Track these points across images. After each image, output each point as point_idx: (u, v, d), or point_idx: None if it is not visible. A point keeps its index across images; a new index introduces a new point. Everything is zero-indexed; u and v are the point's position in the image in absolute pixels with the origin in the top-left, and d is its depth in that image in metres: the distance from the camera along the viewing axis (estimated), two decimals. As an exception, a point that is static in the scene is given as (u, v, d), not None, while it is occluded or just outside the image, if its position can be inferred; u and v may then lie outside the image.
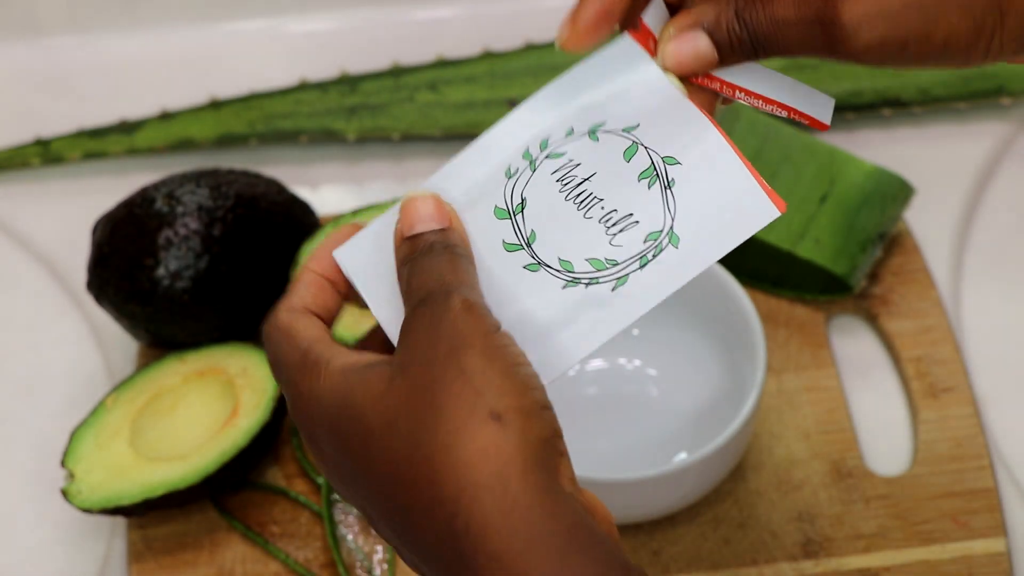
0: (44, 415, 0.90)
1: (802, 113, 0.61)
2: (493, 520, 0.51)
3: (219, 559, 0.83)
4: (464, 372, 0.53)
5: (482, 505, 0.51)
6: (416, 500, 0.52)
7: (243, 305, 0.87)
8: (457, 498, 0.51)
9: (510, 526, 0.51)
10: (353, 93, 1.02)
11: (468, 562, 0.51)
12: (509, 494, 0.51)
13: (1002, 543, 0.82)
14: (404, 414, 0.53)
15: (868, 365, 0.90)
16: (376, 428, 0.54)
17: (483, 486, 0.51)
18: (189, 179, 0.88)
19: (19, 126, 1.02)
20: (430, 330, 0.54)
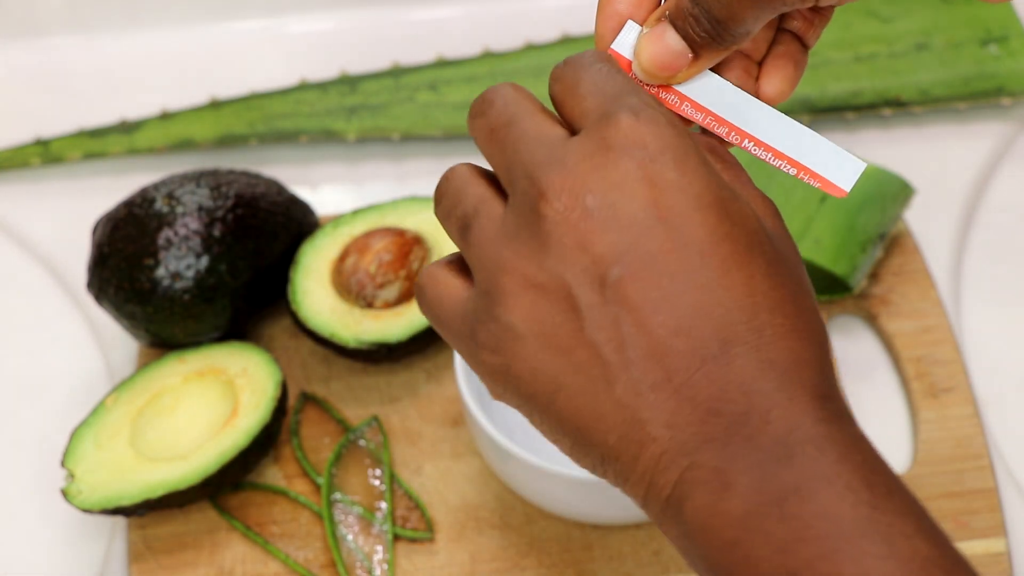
0: (44, 415, 0.90)
1: (816, 174, 0.58)
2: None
3: (219, 559, 0.83)
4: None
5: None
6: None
7: (243, 305, 0.87)
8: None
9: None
10: (353, 93, 1.02)
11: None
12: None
13: (1002, 543, 0.82)
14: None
15: (868, 365, 0.90)
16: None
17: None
18: (189, 179, 0.88)
19: (19, 126, 1.02)
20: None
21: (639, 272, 0.51)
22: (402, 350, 0.87)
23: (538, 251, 0.52)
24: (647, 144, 0.52)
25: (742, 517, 0.49)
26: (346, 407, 0.88)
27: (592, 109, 0.54)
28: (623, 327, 0.51)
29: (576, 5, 1.07)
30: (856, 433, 0.51)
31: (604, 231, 0.51)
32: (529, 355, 0.53)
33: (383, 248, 0.88)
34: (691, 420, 0.50)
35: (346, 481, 0.85)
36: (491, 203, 0.55)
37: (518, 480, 0.81)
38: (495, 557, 0.83)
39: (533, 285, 0.52)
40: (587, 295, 0.51)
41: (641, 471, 0.52)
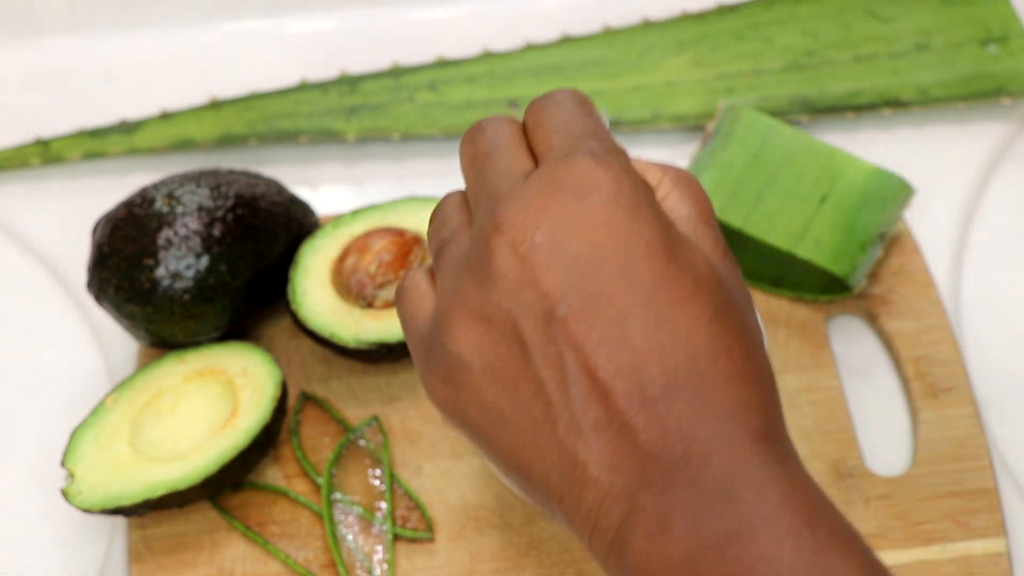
0: (44, 415, 0.90)
1: None
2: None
3: (219, 559, 0.83)
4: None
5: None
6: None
7: (243, 305, 0.87)
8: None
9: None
10: (353, 93, 1.02)
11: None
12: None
13: (1002, 543, 0.82)
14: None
15: (868, 365, 0.90)
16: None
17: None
18: (189, 179, 0.88)
19: (19, 126, 1.02)
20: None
21: (583, 312, 0.51)
22: (402, 350, 0.87)
23: (487, 283, 0.53)
24: (601, 188, 0.52)
25: (682, 561, 0.49)
26: (346, 407, 0.88)
27: (555, 146, 0.55)
28: (567, 365, 0.51)
29: (576, 5, 1.07)
30: (799, 475, 0.51)
31: (550, 269, 0.52)
32: (475, 387, 0.54)
33: (383, 248, 0.88)
34: (631, 464, 0.50)
35: (346, 481, 0.85)
36: (463, 232, 0.56)
37: (518, 480, 0.81)
38: (495, 557, 0.83)
39: (481, 317, 0.53)
40: (532, 331, 0.52)
41: (584, 513, 0.52)
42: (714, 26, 1.04)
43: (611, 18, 1.05)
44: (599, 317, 0.51)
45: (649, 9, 1.05)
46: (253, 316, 0.89)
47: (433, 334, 0.55)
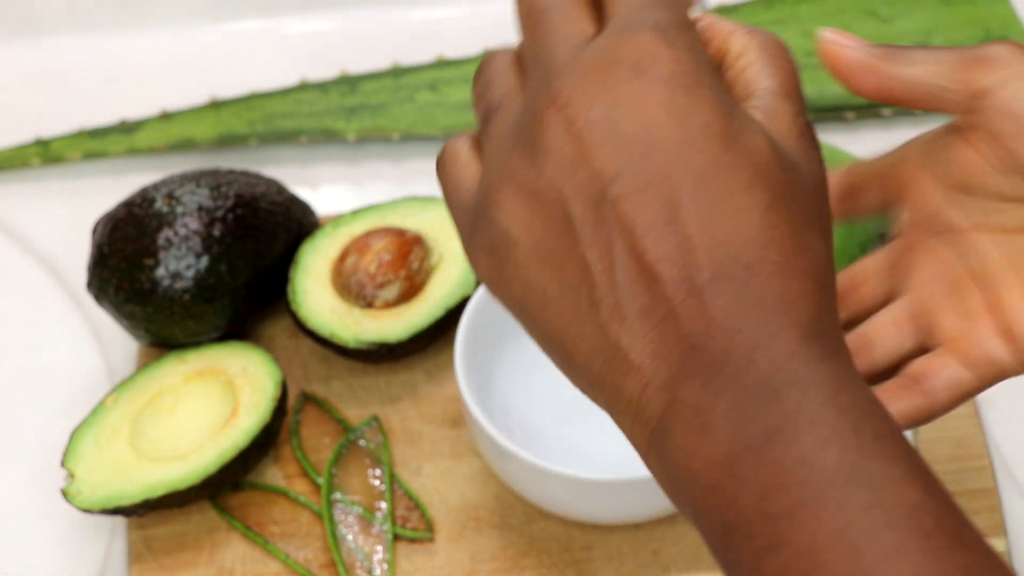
0: (44, 415, 0.90)
1: None
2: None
3: (219, 559, 0.83)
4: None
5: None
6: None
7: (243, 305, 0.87)
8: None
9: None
10: (353, 93, 1.02)
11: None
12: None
13: (1002, 543, 0.82)
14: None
15: (868, 365, 0.90)
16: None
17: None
18: (189, 179, 0.88)
19: (19, 126, 1.02)
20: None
21: (635, 194, 0.49)
22: (402, 350, 0.87)
23: (538, 158, 0.51)
24: (661, 64, 0.50)
25: (722, 460, 0.47)
26: (346, 407, 0.88)
27: (621, 13, 0.52)
28: (615, 248, 0.50)
29: (576, 5, 1.07)
30: (846, 374, 0.49)
31: (605, 147, 0.50)
32: (521, 263, 0.52)
33: (383, 248, 0.88)
34: (674, 353, 0.49)
35: (346, 481, 0.85)
36: (514, 96, 0.54)
37: (518, 480, 0.81)
38: (495, 557, 0.83)
39: (530, 192, 0.51)
40: (582, 211, 0.50)
41: (625, 401, 0.50)
42: (714, 26, 1.03)
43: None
44: (651, 201, 0.49)
45: (649, 9, 1.05)
46: (253, 316, 0.89)
47: (479, 206, 0.53)
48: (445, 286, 0.88)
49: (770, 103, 0.52)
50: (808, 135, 0.52)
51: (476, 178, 0.54)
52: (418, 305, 0.87)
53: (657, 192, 0.49)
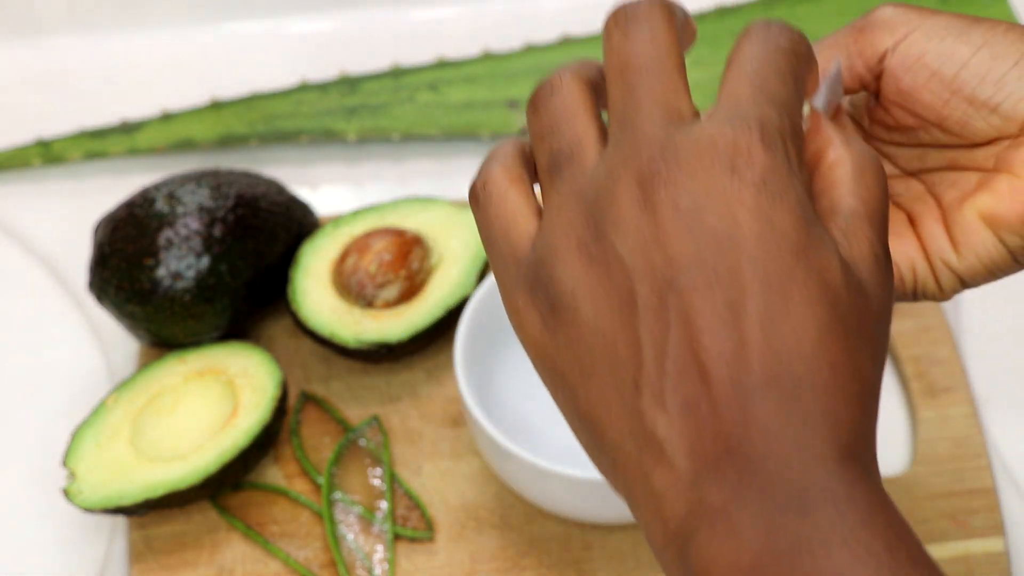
0: (45, 415, 0.90)
1: None
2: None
3: (219, 559, 0.83)
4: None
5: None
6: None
7: (243, 305, 0.88)
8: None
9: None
10: (353, 93, 1.02)
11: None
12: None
13: (1001, 543, 0.82)
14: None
15: (867, 365, 0.90)
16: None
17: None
18: (189, 179, 0.88)
19: (20, 126, 1.02)
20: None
21: (703, 288, 0.49)
22: (402, 350, 0.87)
23: (615, 230, 0.50)
24: (754, 167, 0.50)
25: (747, 568, 0.47)
26: (346, 407, 0.88)
27: (732, 100, 0.52)
28: (671, 336, 0.49)
29: (576, 6, 1.07)
30: (880, 495, 0.49)
31: (683, 235, 0.50)
32: (576, 330, 0.51)
33: (383, 248, 0.88)
34: (709, 452, 0.48)
35: (346, 481, 0.85)
36: (588, 149, 0.52)
37: (518, 480, 0.81)
38: (495, 557, 0.83)
39: (601, 262, 0.50)
40: (647, 292, 0.50)
41: (649, 492, 0.50)
42: (714, 26, 1.04)
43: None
44: (716, 298, 0.49)
45: (649, 9, 1.05)
46: (253, 316, 0.89)
47: (540, 261, 0.52)
48: (445, 286, 0.88)
49: (849, 225, 0.52)
50: (882, 263, 0.52)
51: (532, 227, 0.53)
52: (418, 305, 0.87)
53: (724, 290, 0.49)
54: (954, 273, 0.61)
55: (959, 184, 0.61)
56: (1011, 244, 0.60)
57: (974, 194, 0.60)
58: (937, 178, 0.62)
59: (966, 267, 0.61)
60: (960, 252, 0.61)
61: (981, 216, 0.60)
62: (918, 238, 0.62)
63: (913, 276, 0.62)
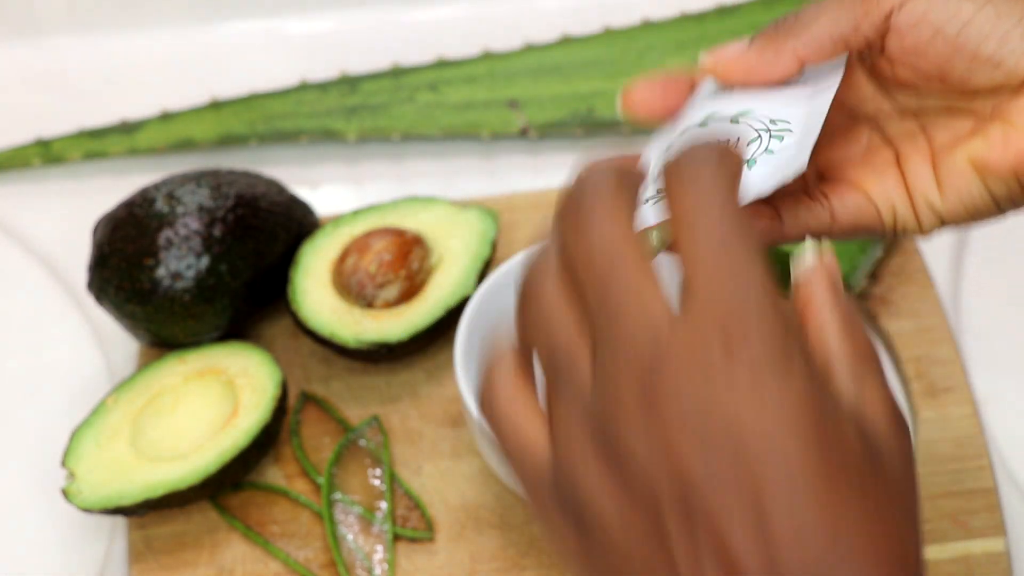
0: (44, 415, 0.90)
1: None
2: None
3: (219, 559, 0.83)
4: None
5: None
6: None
7: (243, 305, 0.87)
8: None
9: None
10: (353, 93, 1.02)
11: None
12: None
13: (1001, 543, 0.82)
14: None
15: (868, 365, 0.90)
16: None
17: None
18: (189, 179, 0.88)
19: (19, 126, 1.02)
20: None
21: (724, 495, 0.48)
22: (402, 350, 0.87)
23: (625, 444, 0.49)
24: (749, 348, 0.48)
25: None
26: (346, 407, 0.88)
27: (701, 279, 0.50)
28: (701, 548, 0.48)
29: (576, 6, 1.07)
30: None
31: (695, 443, 0.48)
32: (607, 541, 0.50)
33: (383, 248, 0.88)
34: None
35: (346, 481, 0.85)
36: (580, 359, 0.51)
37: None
38: (495, 557, 0.83)
39: (618, 479, 0.50)
40: (669, 507, 0.49)
41: None
42: (714, 26, 1.04)
43: (611, 18, 1.05)
44: (738, 503, 0.48)
45: (649, 9, 1.05)
46: (253, 316, 0.89)
47: (562, 479, 0.51)
48: (445, 286, 0.88)
49: (858, 379, 0.51)
50: (897, 413, 0.52)
51: (543, 439, 0.52)
52: (418, 305, 0.87)
53: (744, 494, 0.48)
54: (935, 214, 0.62)
55: (953, 128, 0.62)
56: (996, 192, 0.61)
57: (967, 139, 0.61)
58: (932, 120, 0.63)
59: (948, 209, 0.61)
60: (944, 194, 0.62)
61: (971, 162, 0.61)
62: (903, 177, 0.62)
63: (893, 216, 0.62)
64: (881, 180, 0.63)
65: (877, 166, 0.63)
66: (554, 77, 1.02)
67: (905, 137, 0.63)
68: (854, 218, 0.63)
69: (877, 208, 0.63)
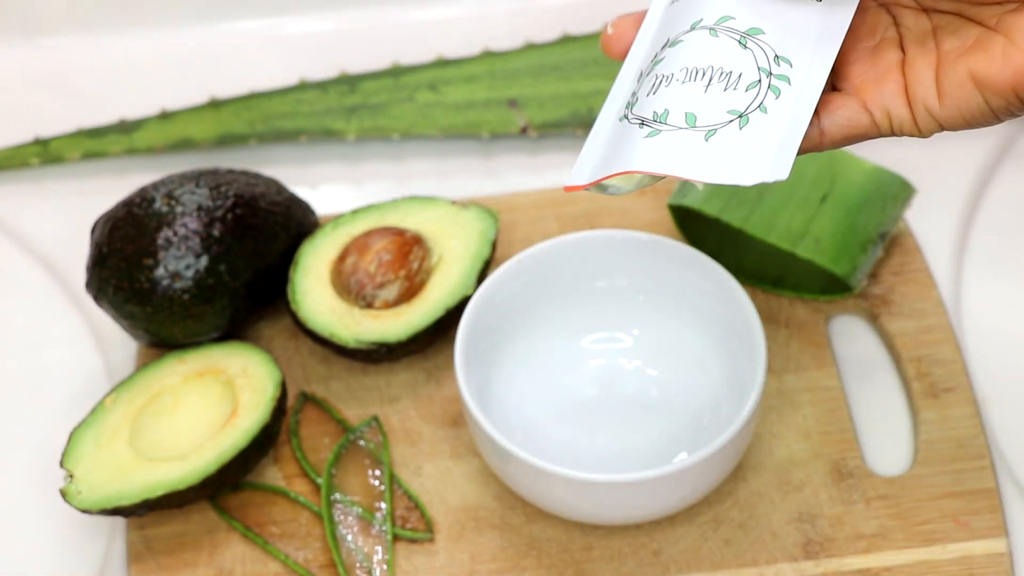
0: (43, 415, 0.90)
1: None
2: None
3: (218, 559, 0.83)
4: None
5: None
6: None
7: (243, 305, 0.87)
8: None
9: None
10: (353, 93, 1.02)
11: None
12: None
13: (1003, 543, 0.82)
14: None
15: (869, 365, 0.90)
16: None
17: None
18: (188, 179, 0.88)
19: (18, 126, 1.02)
20: None
21: None
22: (402, 350, 0.87)
23: None
24: None
25: None
26: (346, 407, 0.88)
27: None
28: None
29: (576, 4, 1.07)
30: None
31: None
32: None
33: (383, 248, 0.87)
34: None
35: (346, 481, 0.85)
36: None
37: (518, 480, 0.80)
38: (495, 557, 0.82)
39: None
40: None
41: None
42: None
43: (611, 17, 1.05)
44: None
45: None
46: (253, 316, 0.89)
47: None
48: (445, 286, 0.88)
49: None
50: None
51: None
52: (418, 305, 0.87)
53: None
54: (934, 119, 0.65)
55: (961, 34, 0.65)
56: (995, 105, 0.64)
57: (970, 51, 0.64)
58: (944, 20, 0.65)
59: (946, 116, 0.65)
60: (944, 103, 0.64)
61: (971, 75, 0.64)
62: (904, 81, 0.65)
63: (888, 121, 0.65)
64: (880, 84, 0.66)
65: (880, 68, 0.66)
66: (554, 77, 1.01)
67: (916, 40, 0.66)
68: (845, 130, 0.66)
69: (872, 114, 0.66)
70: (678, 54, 0.67)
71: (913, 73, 0.65)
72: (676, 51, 0.67)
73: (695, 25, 0.68)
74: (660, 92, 0.67)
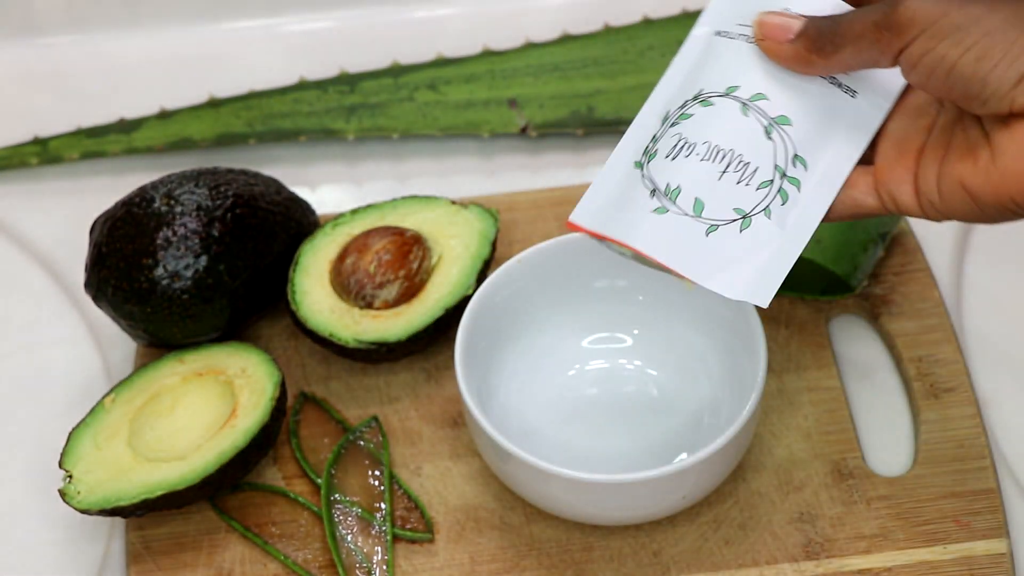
0: (42, 415, 0.90)
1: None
2: None
3: (218, 560, 0.83)
4: None
5: None
6: None
7: (242, 305, 0.87)
8: None
9: None
10: (352, 92, 1.01)
11: None
12: None
13: (1004, 544, 0.81)
14: None
15: (869, 365, 0.90)
16: None
17: None
18: (188, 179, 0.88)
19: (17, 125, 1.02)
20: None
21: None
22: (401, 350, 0.87)
23: None
24: None
25: None
26: (345, 407, 0.88)
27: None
28: None
29: (576, 4, 1.06)
30: None
31: None
32: None
33: (382, 248, 0.87)
34: None
35: (345, 481, 0.85)
36: None
37: (518, 480, 0.80)
38: (495, 557, 0.82)
39: None
40: None
41: None
42: (715, 25, 1.03)
43: (611, 17, 1.05)
44: None
45: (649, 8, 1.05)
46: (252, 316, 0.89)
47: None
48: (445, 286, 0.88)
49: None
50: None
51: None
52: (418, 305, 0.87)
53: None
54: (937, 210, 0.68)
55: (969, 133, 0.68)
56: (987, 213, 0.67)
57: (962, 158, 0.67)
58: (962, 119, 0.69)
59: (946, 210, 0.68)
60: (943, 200, 0.68)
61: (961, 183, 0.67)
62: (916, 171, 0.69)
63: (895, 206, 0.69)
64: (892, 171, 0.69)
65: (901, 151, 0.69)
66: (554, 76, 1.01)
67: (942, 127, 0.69)
68: (851, 210, 0.70)
69: (881, 198, 0.69)
70: (706, 122, 0.70)
71: (923, 168, 0.69)
72: (705, 116, 0.70)
73: (730, 91, 0.70)
74: (679, 161, 0.70)
